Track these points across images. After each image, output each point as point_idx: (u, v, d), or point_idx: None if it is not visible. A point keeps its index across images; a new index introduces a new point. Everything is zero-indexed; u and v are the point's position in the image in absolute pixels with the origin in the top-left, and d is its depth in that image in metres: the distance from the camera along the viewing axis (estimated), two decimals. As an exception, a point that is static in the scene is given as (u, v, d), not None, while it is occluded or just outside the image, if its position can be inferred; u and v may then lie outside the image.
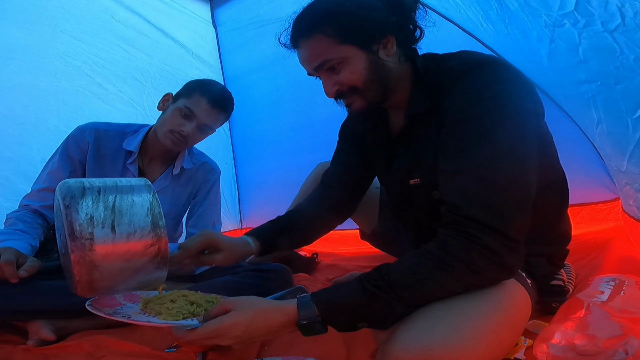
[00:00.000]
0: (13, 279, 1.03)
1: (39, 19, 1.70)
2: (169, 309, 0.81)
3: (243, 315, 0.74)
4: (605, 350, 0.69)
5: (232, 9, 2.28)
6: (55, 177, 1.35)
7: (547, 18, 1.13)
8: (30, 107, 1.71)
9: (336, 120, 2.15)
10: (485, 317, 0.74)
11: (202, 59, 2.36)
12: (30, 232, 1.24)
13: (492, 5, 1.33)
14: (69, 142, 1.39)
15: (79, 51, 1.82)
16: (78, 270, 0.77)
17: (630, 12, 0.87)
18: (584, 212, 1.65)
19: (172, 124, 1.34)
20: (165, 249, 0.85)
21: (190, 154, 1.53)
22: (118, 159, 1.43)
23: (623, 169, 1.30)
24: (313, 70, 0.90)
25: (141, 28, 2.06)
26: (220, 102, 1.36)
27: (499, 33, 1.46)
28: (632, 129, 1.09)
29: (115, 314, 0.81)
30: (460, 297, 0.76)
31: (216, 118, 1.38)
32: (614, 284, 0.96)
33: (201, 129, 1.37)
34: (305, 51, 0.89)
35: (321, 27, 0.85)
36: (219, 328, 0.73)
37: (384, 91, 0.90)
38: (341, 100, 0.92)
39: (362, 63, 0.85)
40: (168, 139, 1.35)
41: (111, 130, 1.44)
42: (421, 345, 0.69)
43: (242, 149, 2.60)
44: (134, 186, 0.86)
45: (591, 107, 1.27)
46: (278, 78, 2.31)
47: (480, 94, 0.79)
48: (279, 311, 0.76)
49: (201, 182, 1.55)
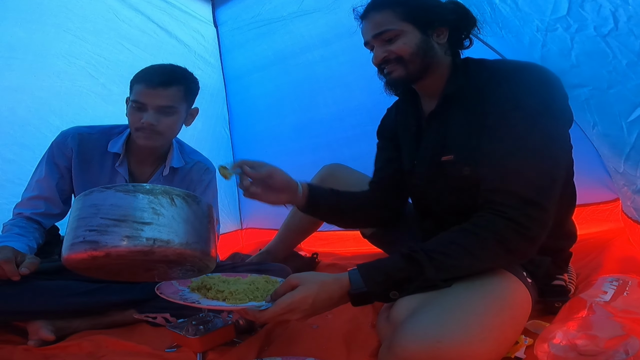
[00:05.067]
0: (14, 276, 1.04)
1: (41, 18, 1.69)
2: (233, 293, 0.89)
3: (310, 289, 0.81)
4: (606, 350, 0.68)
5: (233, 8, 2.28)
6: (43, 185, 1.34)
7: (539, 22, 1.13)
8: (33, 108, 1.70)
9: (337, 120, 2.18)
10: (491, 313, 0.77)
11: (204, 59, 2.35)
12: (27, 235, 1.24)
13: (485, 9, 1.32)
14: (53, 149, 1.37)
15: (82, 51, 1.81)
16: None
17: (624, 17, 0.86)
18: (586, 212, 1.64)
19: (133, 121, 1.29)
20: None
21: (182, 152, 1.48)
22: (105, 162, 1.39)
23: (620, 171, 1.29)
24: (372, 37, 1.03)
25: (145, 27, 2.05)
26: (159, 79, 1.26)
27: (495, 35, 1.46)
28: (627, 132, 1.09)
29: (184, 300, 0.88)
30: (467, 292, 0.80)
31: (165, 95, 1.27)
32: (617, 284, 0.95)
33: (162, 113, 1.28)
34: (372, 20, 1.03)
35: (393, 5, 1.01)
36: (291, 303, 0.80)
37: (424, 68, 1.02)
38: (383, 69, 1.05)
39: (415, 39, 1.00)
40: (139, 137, 1.30)
41: (95, 133, 1.40)
42: (429, 337, 0.71)
43: (242, 149, 2.59)
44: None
45: (586, 110, 1.27)
46: (279, 77, 2.31)
47: (532, 88, 0.91)
48: (336, 283, 0.84)
49: (196, 182, 1.49)
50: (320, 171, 1.65)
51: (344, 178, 1.58)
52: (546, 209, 0.83)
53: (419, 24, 1.00)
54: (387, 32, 1.00)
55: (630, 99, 1.02)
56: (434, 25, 1.01)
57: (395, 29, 1.00)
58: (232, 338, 1.05)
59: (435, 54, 1.02)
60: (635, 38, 0.88)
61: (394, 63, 1.02)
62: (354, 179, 1.57)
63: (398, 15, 1.00)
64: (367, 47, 1.09)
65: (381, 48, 1.02)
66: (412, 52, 1.00)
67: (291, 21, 2.10)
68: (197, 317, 1.06)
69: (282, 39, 2.19)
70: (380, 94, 1.18)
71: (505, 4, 1.20)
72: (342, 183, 1.57)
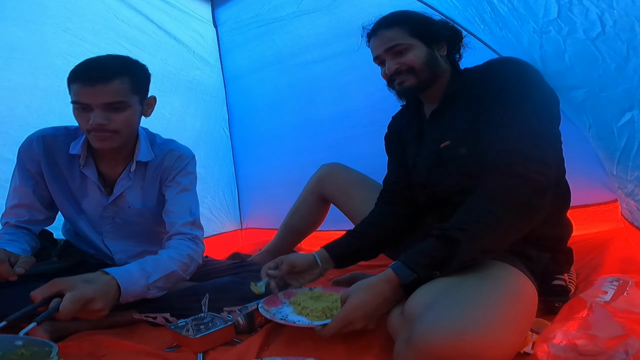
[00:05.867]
0: (10, 276, 1.02)
1: (40, 18, 1.69)
2: (313, 311, 1.03)
3: (357, 298, 0.91)
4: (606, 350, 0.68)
5: (232, 8, 2.28)
6: (21, 193, 1.30)
7: (534, 24, 1.14)
8: (32, 107, 1.70)
9: (336, 121, 2.18)
10: (507, 305, 0.79)
11: (203, 59, 2.35)
12: (18, 240, 1.23)
13: (485, 9, 1.33)
14: (21, 156, 1.30)
15: (81, 51, 1.80)
16: None
17: (610, 21, 0.86)
18: (586, 213, 1.65)
19: (82, 123, 1.18)
20: None
21: (152, 145, 1.37)
22: (73, 165, 1.31)
23: (614, 173, 1.30)
24: (383, 51, 1.15)
25: (144, 27, 2.05)
26: (97, 74, 1.12)
27: (495, 35, 1.46)
28: (618, 136, 1.10)
29: (277, 316, 1.04)
30: (480, 285, 0.83)
31: (108, 91, 1.13)
32: (617, 284, 0.96)
33: (110, 110, 1.16)
34: (383, 37, 1.15)
35: (401, 23, 1.14)
36: (345, 316, 0.90)
37: (432, 76, 1.14)
38: (393, 80, 1.16)
39: (423, 52, 1.13)
40: (93, 140, 1.19)
41: (60, 135, 1.31)
42: (452, 330, 0.71)
43: (242, 148, 2.59)
44: None
45: (582, 112, 1.28)
46: (278, 77, 2.31)
47: (519, 71, 1.02)
48: (383, 281, 0.92)
49: (169, 171, 1.37)
50: (319, 171, 1.66)
51: (342, 177, 1.60)
52: (547, 163, 0.91)
53: (425, 39, 1.13)
54: (398, 46, 1.13)
55: (620, 103, 1.02)
56: (435, 41, 1.14)
57: (405, 43, 1.12)
58: (232, 338, 1.06)
59: (440, 64, 1.15)
60: (621, 42, 0.88)
61: (405, 74, 1.13)
62: (352, 178, 1.59)
63: (406, 32, 1.13)
64: (376, 62, 1.20)
65: (393, 61, 1.14)
66: (422, 62, 1.12)
67: (290, 21, 2.10)
68: (197, 317, 1.06)
69: (282, 39, 2.19)
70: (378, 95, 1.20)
71: (503, 4, 1.21)
72: (340, 182, 1.59)
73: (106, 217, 1.37)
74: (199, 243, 1.33)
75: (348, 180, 1.59)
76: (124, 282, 1.05)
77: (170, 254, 1.22)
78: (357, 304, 0.90)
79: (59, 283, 0.94)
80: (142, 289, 1.10)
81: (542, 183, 0.89)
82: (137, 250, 1.42)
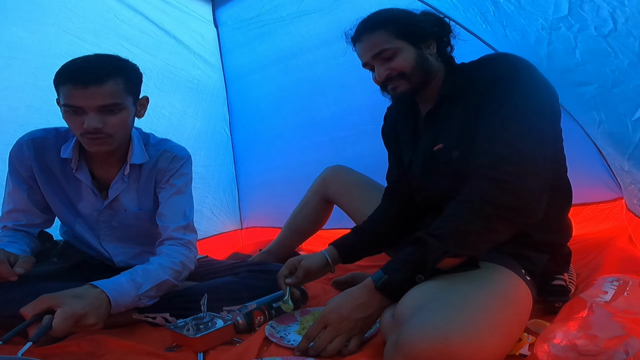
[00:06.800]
0: (10, 277, 1.02)
1: (41, 18, 1.69)
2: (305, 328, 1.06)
3: (334, 302, 0.94)
4: (606, 350, 0.68)
5: (233, 8, 2.28)
6: (15, 198, 1.28)
7: (543, 21, 1.13)
8: (33, 107, 1.70)
9: (338, 119, 2.18)
10: (496, 309, 0.78)
11: (204, 59, 2.35)
12: (18, 242, 1.22)
13: (488, 8, 1.32)
14: (12, 160, 1.27)
15: (82, 51, 1.77)
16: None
17: (621, 18, 0.86)
18: (586, 212, 1.64)
19: (75, 127, 1.13)
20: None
21: (146, 145, 1.33)
22: (66, 168, 1.27)
23: (626, 169, 1.29)
24: (371, 57, 1.09)
25: (144, 28, 2.05)
26: (90, 75, 1.07)
27: (497, 34, 1.46)
28: (632, 131, 1.09)
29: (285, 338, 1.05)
30: (470, 288, 0.81)
31: (102, 93, 1.08)
32: (617, 284, 0.95)
33: (106, 113, 1.11)
34: (367, 43, 1.10)
35: (384, 25, 1.08)
36: (321, 318, 0.92)
37: (425, 79, 1.09)
38: (386, 85, 1.11)
39: (411, 54, 1.07)
40: (87, 144, 1.15)
41: (50, 137, 1.27)
42: (437, 335, 0.71)
43: (243, 148, 2.59)
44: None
45: (592, 108, 1.27)
46: (279, 77, 2.31)
47: (514, 65, 0.99)
48: (360, 287, 0.94)
49: (163, 173, 1.34)
50: (323, 173, 1.67)
51: (345, 178, 1.61)
52: (525, 165, 0.86)
53: (412, 40, 1.07)
54: (385, 51, 1.07)
55: (633, 98, 1.02)
56: (423, 40, 1.09)
57: (392, 47, 1.06)
58: (232, 338, 1.06)
59: (431, 64, 1.10)
60: (634, 39, 0.88)
61: (397, 79, 1.08)
62: (355, 180, 1.59)
63: (391, 34, 1.07)
64: (365, 67, 1.14)
65: (382, 67, 1.09)
66: (412, 66, 1.07)
67: (291, 21, 2.10)
68: (196, 317, 1.06)
69: (282, 39, 2.19)
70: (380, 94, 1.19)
71: (509, 2, 1.20)
72: (343, 183, 1.59)
73: (103, 220, 1.35)
74: (192, 248, 1.30)
75: (351, 181, 1.60)
76: (114, 294, 1.03)
77: (162, 262, 1.20)
78: (332, 307, 0.93)
79: (47, 299, 0.93)
80: (133, 299, 1.08)
81: (514, 184, 0.85)
82: (135, 251, 1.41)
